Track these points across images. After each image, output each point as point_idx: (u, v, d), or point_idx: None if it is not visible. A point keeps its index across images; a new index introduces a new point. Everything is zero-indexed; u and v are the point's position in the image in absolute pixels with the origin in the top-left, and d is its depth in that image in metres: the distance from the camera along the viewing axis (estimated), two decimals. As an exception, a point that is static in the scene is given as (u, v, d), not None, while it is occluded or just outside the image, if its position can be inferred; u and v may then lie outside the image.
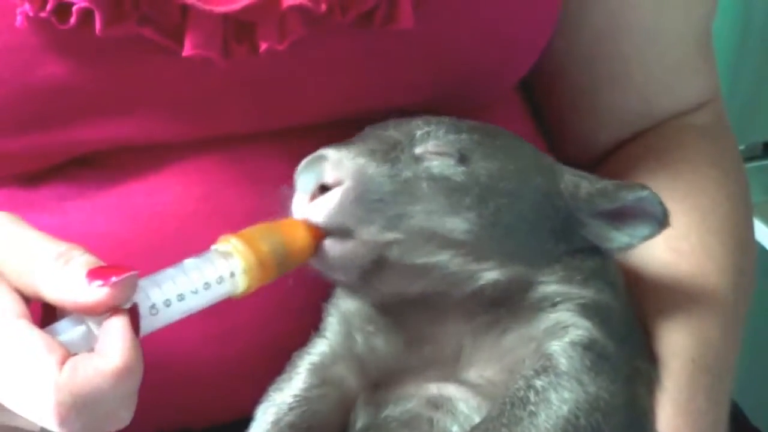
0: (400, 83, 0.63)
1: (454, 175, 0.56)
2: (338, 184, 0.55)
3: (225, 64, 0.57)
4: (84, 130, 0.60)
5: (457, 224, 0.55)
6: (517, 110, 0.74)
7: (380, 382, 0.60)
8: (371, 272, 0.55)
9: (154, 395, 0.55)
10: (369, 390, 0.60)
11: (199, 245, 0.54)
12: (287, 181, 0.58)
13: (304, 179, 0.56)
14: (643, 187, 0.59)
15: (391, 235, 0.55)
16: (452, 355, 0.58)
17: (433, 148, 0.57)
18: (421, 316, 0.58)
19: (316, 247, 0.55)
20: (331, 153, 0.56)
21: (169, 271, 0.51)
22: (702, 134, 0.73)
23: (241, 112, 0.62)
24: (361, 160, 0.56)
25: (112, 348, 0.48)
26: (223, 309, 0.54)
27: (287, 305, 0.63)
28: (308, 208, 0.56)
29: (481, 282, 0.56)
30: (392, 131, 0.59)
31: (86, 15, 0.55)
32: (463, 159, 0.57)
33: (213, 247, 0.53)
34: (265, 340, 0.63)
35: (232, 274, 0.52)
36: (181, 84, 0.59)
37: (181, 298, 0.51)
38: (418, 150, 0.57)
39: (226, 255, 0.53)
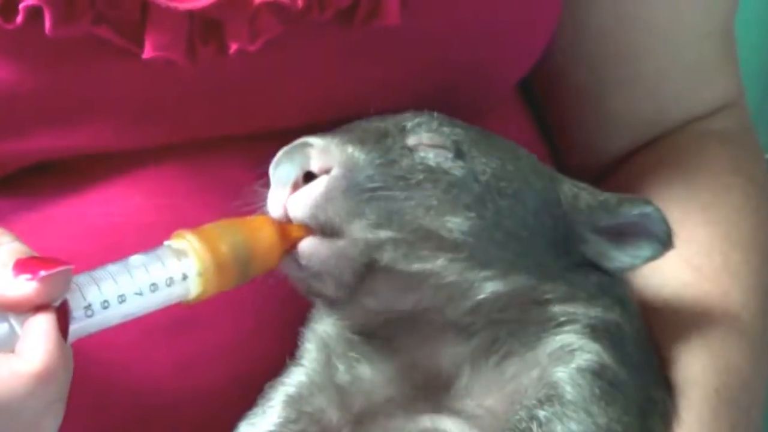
0: (384, 87, 0.61)
1: (453, 168, 0.54)
2: (325, 171, 0.53)
3: (190, 66, 0.56)
4: (35, 139, 0.58)
5: (457, 223, 0.53)
6: (517, 115, 0.72)
7: (365, 415, 0.57)
8: (359, 280, 0.53)
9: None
10: (352, 424, 0.58)
11: None
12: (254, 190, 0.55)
13: (283, 170, 0.53)
14: (647, 202, 0.57)
15: (384, 233, 0.52)
16: (447, 382, 0.56)
17: (427, 139, 0.55)
18: (410, 338, 0.56)
19: (293, 249, 0.52)
20: (315, 140, 0.53)
21: (111, 268, 0.48)
22: (723, 140, 0.71)
23: (207, 117, 0.60)
24: (350, 147, 0.53)
25: (33, 350, 0.45)
26: (183, 331, 0.53)
27: (259, 327, 0.60)
28: (288, 200, 0.52)
29: (481, 294, 0.54)
30: (378, 122, 0.56)
31: (35, 13, 0.54)
32: (460, 153, 0.55)
33: (166, 242, 0.50)
34: (234, 368, 0.60)
35: (185, 277, 0.49)
36: (142, 89, 0.58)
37: (122, 299, 0.48)
38: (410, 141, 0.55)
39: (179, 253, 0.49)
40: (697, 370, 0.60)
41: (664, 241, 0.56)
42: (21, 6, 0.53)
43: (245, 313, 0.58)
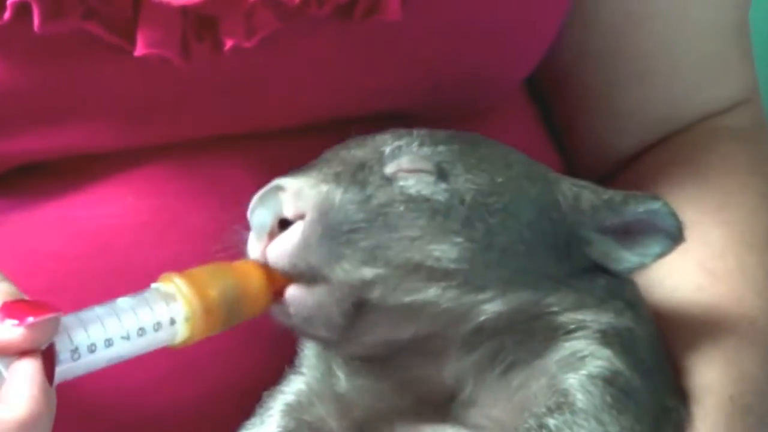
0: (384, 85, 0.60)
1: (435, 193, 0.53)
2: (300, 217, 0.52)
3: (184, 64, 0.55)
4: (24, 139, 0.58)
5: (445, 251, 0.52)
6: (522, 114, 0.71)
7: (366, 425, 0.57)
8: (351, 321, 0.52)
9: None
10: (353, 434, 0.57)
11: (152, 263, 0.52)
12: (251, 191, 0.54)
13: (259, 215, 0.53)
14: (655, 197, 0.56)
15: (369, 271, 0.51)
16: (451, 392, 0.55)
17: (407, 164, 0.54)
18: (412, 356, 0.55)
19: (281, 295, 0.52)
20: (288, 182, 0.53)
21: (98, 310, 0.48)
22: (737, 137, 0.70)
23: (203, 117, 0.59)
24: (324, 187, 0.52)
25: (18, 396, 0.45)
26: None
27: (257, 334, 0.59)
28: (267, 249, 0.52)
29: (482, 317, 0.53)
30: (356, 150, 0.55)
31: (23, 9, 0.53)
32: (442, 174, 0.54)
33: (153, 285, 0.50)
34: (230, 377, 0.59)
35: (172, 321, 0.49)
36: (135, 87, 0.57)
37: (109, 343, 0.47)
38: (389, 169, 0.54)
39: (167, 297, 0.49)
40: (711, 378, 0.58)
41: (675, 236, 0.55)
42: (8, 2, 0.52)
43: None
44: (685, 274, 0.62)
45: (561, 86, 0.72)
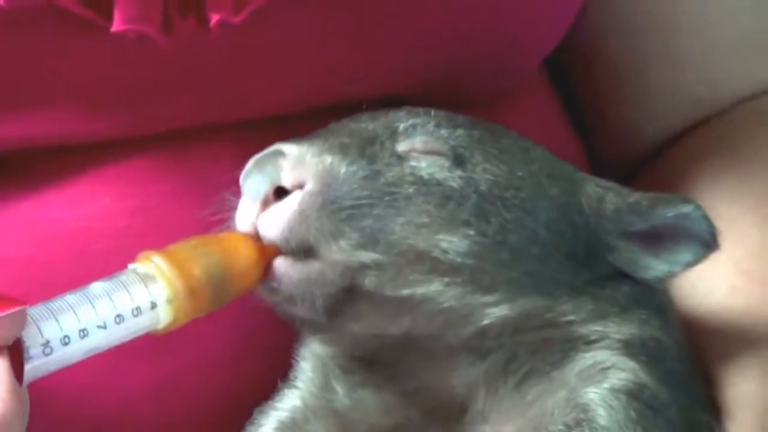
0: (386, 65, 0.58)
1: (449, 179, 0.51)
2: (299, 186, 0.50)
3: (166, 42, 0.53)
4: None
5: (453, 243, 0.50)
6: (542, 100, 0.69)
7: None
8: (340, 305, 0.50)
9: None
10: (353, 456, 0.56)
11: None
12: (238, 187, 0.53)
13: (254, 181, 0.51)
14: (685, 200, 0.54)
15: (366, 255, 0.49)
16: (461, 408, 0.53)
17: (421, 145, 0.52)
18: (416, 360, 0.53)
19: (267, 270, 0.50)
20: (289, 148, 0.51)
21: (70, 298, 0.46)
22: None
23: (185, 103, 0.57)
24: (328, 158, 0.50)
25: None
26: (165, 349, 0.52)
27: (249, 344, 0.58)
28: (259, 219, 0.50)
29: (485, 321, 0.51)
30: (367, 123, 0.54)
31: None
32: (459, 160, 0.52)
33: (130, 266, 0.48)
34: (218, 391, 0.58)
35: (153, 305, 0.47)
36: (110, 68, 0.55)
37: (84, 334, 0.45)
38: (401, 147, 0.52)
39: (146, 278, 0.47)
40: (747, 389, 0.57)
41: (708, 242, 0.53)
42: None
43: (232, 326, 0.57)
44: (719, 275, 0.61)
45: (585, 68, 0.71)
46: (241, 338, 0.58)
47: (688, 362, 0.56)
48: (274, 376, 0.57)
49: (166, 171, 0.58)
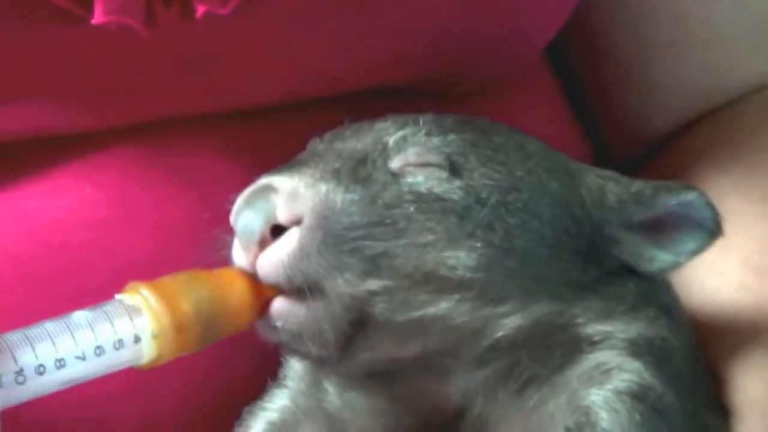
0: (377, 55, 0.58)
1: (448, 191, 0.50)
2: (295, 222, 0.49)
3: (149, 34, 0.53)
4: None
5: (461, 259, 0.49)
6: (544, 88, 0.69)
7: None
8: (351, 338, 0.49)
9: None
10: (343, 458, 0.56)
11: (113, 266, 0.51)
12: (229, 180, 0.52)
13: (246, 219, 0.49)
14: (688, 187, 0.53)
15: (373, 283, 0.48)
16: (458, 410, 0.52)
17: (414, 158, 0.51)
18: (414, 368, 0.52)
19: (266, 309, 0.49)
20: (280, 181, 0.49)
21: (49, 326, 0.45)
22: None
23: (171, 95, 0.57)
24: (323, 187, 0.49)
25: None
26: None
27: (238, 342, 0.54)
28: (257, 260, 0.49)
29: (499, 332, 0.51)
30: (354, 141, 0.52)
31: None
32: (455, 169, 0.51)
33: (117, 296, 0.47)
34: (205, 391, 0.57)
35: (137, 339, 0.46)
36: (91, 60, 0.54)
37: (60, 364, 0.44)
38: (394, 163, 0.51)
39: (131, 310, 0.46)
40: (757, 391, 0.56)
41: (711, 229, 0.52)
42: None
43: None
44: (727, 272, 0.60)
45: (590, 60, 0.71)
46: (230, 336, 0.55)
47: (697, 362, 0.56)
48: (264, 375, 0.56)
49: (148, 161, 0.57)
